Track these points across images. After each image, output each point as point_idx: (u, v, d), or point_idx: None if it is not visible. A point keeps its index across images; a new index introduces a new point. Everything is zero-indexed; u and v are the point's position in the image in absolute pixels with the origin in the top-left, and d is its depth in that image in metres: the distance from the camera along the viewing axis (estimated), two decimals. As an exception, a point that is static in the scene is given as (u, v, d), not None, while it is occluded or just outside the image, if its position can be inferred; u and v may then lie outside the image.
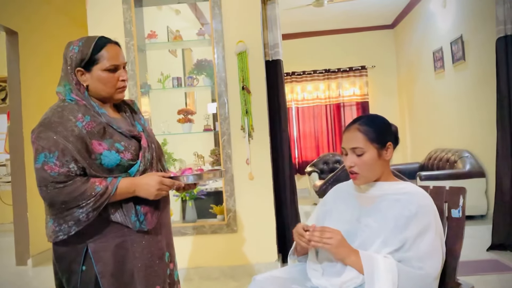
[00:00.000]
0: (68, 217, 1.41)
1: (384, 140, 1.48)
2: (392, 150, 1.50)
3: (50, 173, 1.37)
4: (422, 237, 1.35)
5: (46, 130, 1.40)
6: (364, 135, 1.47)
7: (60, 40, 4.80)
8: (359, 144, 1.46)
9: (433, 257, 1.34)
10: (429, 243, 1.35)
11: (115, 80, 1.53)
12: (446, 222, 1.50)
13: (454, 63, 5.35)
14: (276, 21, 3.67)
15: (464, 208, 1.43)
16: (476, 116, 4.90)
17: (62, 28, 4.86)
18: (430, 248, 1.34)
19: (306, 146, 8.06)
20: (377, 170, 1.48)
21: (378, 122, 1.52)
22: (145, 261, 1.51)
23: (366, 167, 1.46)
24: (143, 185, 1.47)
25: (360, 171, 1.47)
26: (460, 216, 1.45)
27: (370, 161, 1.46)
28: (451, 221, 1.48)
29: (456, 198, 1.47)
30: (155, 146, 1.62)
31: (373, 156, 1.46)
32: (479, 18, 4.69)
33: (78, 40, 1.52)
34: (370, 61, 7.90)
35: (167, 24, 4.84)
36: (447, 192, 1.51)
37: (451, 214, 1.48)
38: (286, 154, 3.66)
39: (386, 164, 1.51)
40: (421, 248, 1.34)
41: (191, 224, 3.44)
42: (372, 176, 1.49)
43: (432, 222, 1.38)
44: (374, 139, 1.46)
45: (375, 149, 1.46)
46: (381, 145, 1.47)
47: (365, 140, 1.46)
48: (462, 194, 1.46)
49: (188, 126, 3.53)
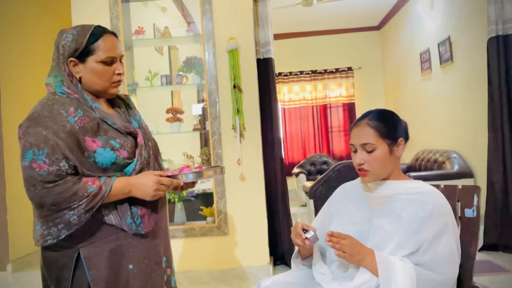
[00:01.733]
0: (58, 220, 1.29)
1: (395, 136, 1.41)
2: (404, 146, 1.43)
3: (39, 171, 1.26)
4: (439, 239, 1.29)
5: (35, 125, 1.29)
6: (375, 131, 1.40)
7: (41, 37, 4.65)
8: (370, 140, 1.39)
9: (452, 260, 1.28)
10: (447, 246, 1.29)
11: (110, 73, 1.42)
12: (459, 223, 1.43)
13: (441, 64, 5.36)
14: (268, 19, 3.60)
15: (479, 208, 1.37)
16: (464, 117, 4.91)
17: (45, 26, 4.68)
18: (448, 252, 1.28)
19: (293, 147, 8.00)
20: (388, 167, 1.41)
21: (389, 116, 1.46)
22: (141, 267, 1.40)
23: (377, 164, 1.39)
24: (140, 185, 1.37)
25: (371, 168, 1.40)
26: (474, 215, 1.39)
27: (382, 157, 1.39)
28: (465, 221, 1.42)
29: (470, 197, 1.41)
30: (152, 144, 1.52)
31: (384, 152, 1.39)
32: (468, 18, 4.70)
33: (73, 28, 1.41)
34: (357, 62, 7.90)
35: (154, 21, 4.71)
36: (460, 191, 1.46)
37: (465, 213, 1.42)
38: (278, 154, 3.59)
39: (397, 162, 1.44)
40: (438, 251, 1.28)
41: (180, 227, 3.32)
42: (382, 173, 1.42)
43: (449, 223, 1.31)
44: (385, 134, 1.39)
45: (386, 145, 1.40)
46: (393, 141, 1.41)
47: (376, 136, 1.39)
48: (477, 193, 1.40)
49: (177, 125, 3.42)
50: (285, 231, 3.55)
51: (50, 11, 4.77)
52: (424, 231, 1.29)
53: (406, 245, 1.29)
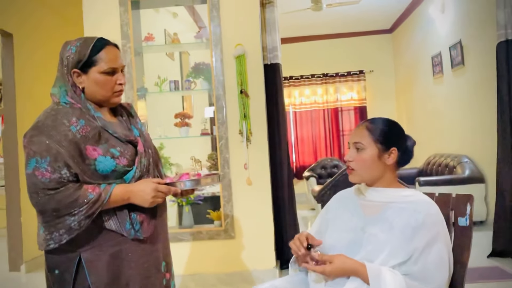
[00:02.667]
0: (59, 225, 1.35)
1: (388, 143, 1.44)
2: (395, 157, 1.45)
3: (41, 179, 1.31)
4: (430, 248, 1.30)
5: (38, 134, 1.35)
6: (370, 133, 1.44)
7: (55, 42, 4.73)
8: (361, 140, 1.44)
9: (442, 269, 1.29)
10: (438, 255, 1.30)
11: (112, 83, 1.47)
12: (452, 231, 1.44)
13: (453, 68, 5.32)
14: (275, 24, 3.63)
15: (471, 216, 1.39)
16: (475, 121, 4.87)
17: (58, 30, 4.79)
18: (439, 260, 1.29)
19: (304, 150, 8.01)
20: (374, 171, 1.44)
21: (390, 125, 1.48)
22: (141, 271, 1.45)
23: (363, 165, 1.43)
24: (138, 192, 1.41)
25: (356, 167, 1.45)
26: (467, 224, 1.40)
27: (369, 159, 1.42)
28: (458, 229, 1.43)
29: (463, 206, 1.42)
30: (152, 152, 1.56)
31: (372, 155, 1.43)
32: (479, 22, 4.67)
33: (76, 40, 1.46)
34: (368, 65, 7.88)
35: (165, 27, 4.79)
36: (454, 200, 1.47)
37: (458, 222, 1.43)
38: (285, 159, 3.61)
39: (388, 169, 1.46)
40: (429, 260, 1.29)
41: (188, 230, 3.37)
42: (367, 176, 1.45)
43: (440, 232, 1.33)
44: (378, 139, 1.43)
45: (376, 149, 1.43)
46: (385, 147, 1.43)
47: (368, 138, 1.44)
48: (470, 202, 1.41)
49: (185, 130, 3.47)
50: (292, 235, 3.55)
51: (64, 18, 4.89)
52: (416, 240, 1.30)
53: (398, 254, 1.31)
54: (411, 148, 1.50)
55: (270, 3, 3.60)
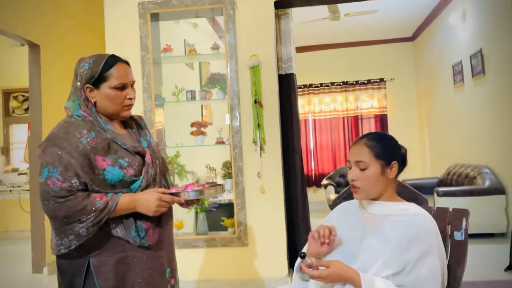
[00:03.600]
0: (68, 231, 1.43)
1: (389, 158, 1.47)
2: (397, 170, 1.48)
3: (53, 187, 1.40)
4: (424, 260, 1.32)
5: (51, 145, 1.44)
6: (370, 150, 1.47)
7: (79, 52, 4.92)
8: (363, 158, 1.46)
9: (434, 282, 1.31)
10: (431, 268, 1.32)
11: (122, 98, 1.55)
12: (449, 245, 1.46)
13: (473, 77, 5.25)
14: (290, 35, 3.68)
15: (467, 231, 1.40)
16: (496, 132, 4.78)
17: (82, 41, 4.99)
18: (431, 273, 1.32)
19: (323, 158, 8.00)
20: (379, 187, 1.47)
21: (386, 139, 1.52)
22: (145, 276, 1.52)
23: (369, 182, 1.46)
24: (143, 201, 1.49)
25: (362, 185, 1.47)
26: (463, 239, 1.42)
27: (373, 176, 1.45)
28: (454, 243, 1.44)
29: (459, 220, 1.44)
30: (159, 162, 1.63)
31: (376, 172, 1.45)
32: (499, 32, 4.60)
33: (89, 57, 1.56)
34: (389, 73, 7.83)
35: (185, 37, 4.91)
36: (451, 214, 1.48)
37: (454, 236, 1.44)
38: (298, 168, 3.64)
39: (390, 183, 1.49)
40: (422, 272, 1.32)
41: (202, 237, 3.44)
42: (372, 192, 1.48)
43: (434, 246, 1.35)
44: (379, 155, 1.46)
45: (379, 165, 1.46)
46: (386, 162, 1.46)
47: (370, 155, 1.46)
48: (466, 216, 1.43)
49: (201, 138, 3.56)
50: (305, 243, 3.58)
51: (88, 29, 5.08)
52: (410, 252, 1.33)
53: (392, 264, 1.33)
54: (405, 157, 1.52)
55: (286, 14, 3.66)
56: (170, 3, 3.46)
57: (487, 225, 4.61)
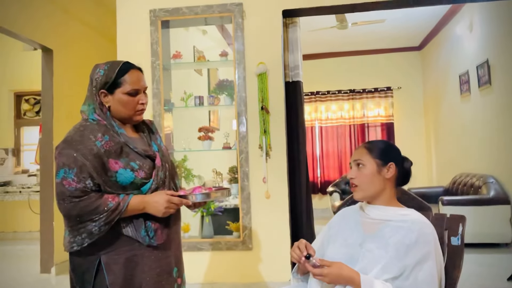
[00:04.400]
0: (82, 230, 1.50)
1: (386, 159, 1.55)
2: (394, 171, 1.55)
3: (68, 187, 1.47)
4: (421, 265, 1.37)
5: (67, 148, 1.51)
6: (368, 151, 1.58)
7: (91, 57, 5.05)
8: (361, 157, 1.57)
9: (431, 285, 1.36)
10: (428, 272, 1.37)
11: (135, 103, 1.63)
12: (446, 249, 1.51)
13: (480, 87, 5.28)
14: (297, 43, 3.75)
15: (463, 236, 1.45)
16: (502, 142, 4.80)
17: (94, 46, 5.10)
18: (429, 278, 1.37)
19: (329, 165, 8.04)
20: (376, 185, 1.54)
21: (386, 145, 1.62)
22: (153, 275, 1.58)
23: (365, 179, 1.54)
24: (153, 203, 1.55)
25: (359, 183, 1.56)
26: (459, 244, 1.47)
27: (369, 174, 1.54)
28: (451, 248, 1.49)
29: (455, 226, 1.49)
30: (168, 166, 1.70)
31: (372, 170, 1.54)
32: (506, 43, 4.64)
33: (104, 64, 1.63)
34: (396, 82, 7.86)
35: (194, 43, 5.00)
36: (448, 220, 1.53)
37: (451, 241, 1.49)
38: (303, 174, 3.70)
39: (388, 185, 1.55)
40: (419, 277, 1.37)
41: (208, 240, 3.50)
42: (369, 190, 1.55)
43: (431, 251, 1.40)
44: (375, 155, 1.56)
45: (375, 164, 1.55)
46: (383, 162, 1.55)
47: (367, 155, 1.56)
48: (462, 222, 1.47)
49: (208, 143, 3.63)
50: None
51: (100, 35, 5.20)
52: (408, 257, 1.38)
53: (390, 269, 1.38)
54: (408, 168, 1.58)
55: (293, 23, 3.73)
56: (181, 11, 3.55)
57: (491, 235, 4.63)
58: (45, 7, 4.26)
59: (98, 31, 5.19)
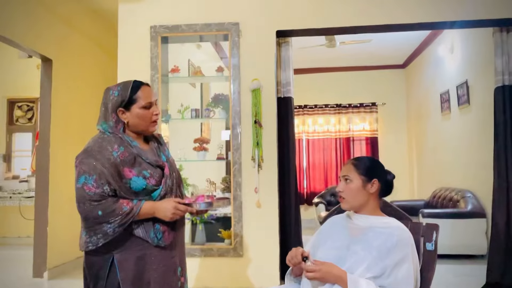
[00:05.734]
0: (98, 231, 1.67)
1: (370, 175, 1.76)
2: (377, 187, 1.75)
3: (88, 192, 1.64)
4: (400, 266, 1.58)
5: (88, 157, 1.69)
6: (355, 168, 1.78)
7: (89, 67, 5.22)
8: (349, 173, 1.78)
9: (408, 284, 1.57)
10: (406, 272, 1.58)
11: (150, 115, 1.82)
12: (422, 254, 1.72)
13: (459, 106, 5.58)
14: (289, 61, 3.97)
15: (436, 242, 1.66)
16: (478, 159, 5.08)
17: (93, 57, 5.26)
18: (406, 276, 1.58)
19: (315, 177, 8.26)
20: (360, 198, 1.75)
21: (371, 162, 1.82)
22: (160, 272, 1.76)
23: (351, 193, 1.75)
24: (162, 209, 1.74)
25: (346, 196, 1.77)
26: (433, 249, 1.68)
27: (355, 189, 1.75)
28: (426, 252, 1.70)
29: (430, 233, 1.70)
30: (176, 175, 1.89)
31: (358, 185, 1.75)
32: (481, 66, 4.94)
33: (116, 86, 1.82)
34: (381, 98, 8.17)
35: (189, 57, 5.19)
36: (424, 228, 1.75)
37: (426, 247, 1.70)
38: (293, 185, 3.89)
39: (372, 198, 1.76)
40: (399, 276, 1.57)
41: (200, 246, 3.66)
42: (355, 202, 1.76)
43: (409, 254, 1.61)
44: (361, 172, 1.76)
45: (361, 180, 1.75)
46: (367, 178, 1.75)
47: (354, 171, 1.77)
48: (436, 230, 1.69)
49: (203, 154, 3.80)
50: (296, 257, 3.81)
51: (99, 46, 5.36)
52: (389, 258, 1.59)
53: (373, 269, 1.59)
54: (391, 181, 1.79)
55: (286, 43, 3.96)
56: (180, 28, 3.74)
57: (468, 246, 4.88)
58: (46, 18, 4.41)
59: (97, 44, 5.36)
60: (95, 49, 5.33)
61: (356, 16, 3.70)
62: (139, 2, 3.85)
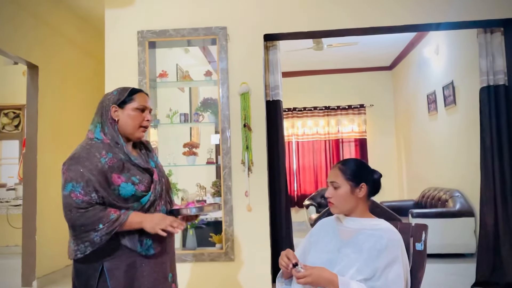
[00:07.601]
0: (85, 238, 1.65)
1: (358, 180, 1.75)
2: (365, 191, 1.75)
3: (75, 200, 1.63)
4: (390, 267, 1.59)
5: (75, 164, 1.67)
6: (342, 173, 1.77)
7: (76, 74, 5.18)
8: (336, 180, 1.76)
9: (398, 285, 1.57)
10: (396, 274, 1.59)
11: (141, 118, 1.83)
12: (411, 254, 1.73)
13: (446, 106, 5.65)
14: (277, 64, 3.98)
15: (426, 242, 1.67)
16: (465, 158, 5.15)
17: (80, 63, 5.22)
18: (396, 278, 1.58)
19: (305, 179, 8.29)
20: (350, 203, 1.75)
21: (357, 165, 1.80)
22: (151, 279, 1.74)
23: (340, 199, 1.75)
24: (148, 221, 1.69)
25: (335, 202, 1.76)
26: (422, 249, 1.69)
27: (344, 195, 1.74)
28: (416, 252, 1.72)
29: (419, 233, 1.71)
30: (164, 180, 1.88)
31: (346, 191, 1.74)
32: (466, 67, 5.02)
33: (115, 90, 1.85)
34: (369, 100, 8.24)
35: (177, 61, 5.18)
36: (413, 228, 1.76)
37: (415, 247, 1.71)
38: (283, 188, 3.89)
39: (361, 201, 1.76)
40: (389, 277, 1.58)
41: (191, 252, 3.64)
42: (344, 207, 1.76)
43: (399, 255, 1.62)
44: (349, 177, 1.75)
45: (349, 186, 1.75)
46: (355, 184, 1.75)
47: (341, 177, 1.76)
48: (425, 230, 1.70)
49: (192, 158, 3.79)
50: (288, 260, 3.81)
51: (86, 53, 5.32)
52: (379, 260, 1.59)
53: (364, 271, 1.59)
54: (378, 181, 1.80)
55: (274, 46, 3.97)
56: (167, 33, 3.73)
57: (457, 245, 4.93)
58: (32, 24, 4.37)
59: (84, 50, 5.32)
60: (82, 55, 5.30)
61: (343, 19, 3.73)
62: (126, 7, 3.83)
